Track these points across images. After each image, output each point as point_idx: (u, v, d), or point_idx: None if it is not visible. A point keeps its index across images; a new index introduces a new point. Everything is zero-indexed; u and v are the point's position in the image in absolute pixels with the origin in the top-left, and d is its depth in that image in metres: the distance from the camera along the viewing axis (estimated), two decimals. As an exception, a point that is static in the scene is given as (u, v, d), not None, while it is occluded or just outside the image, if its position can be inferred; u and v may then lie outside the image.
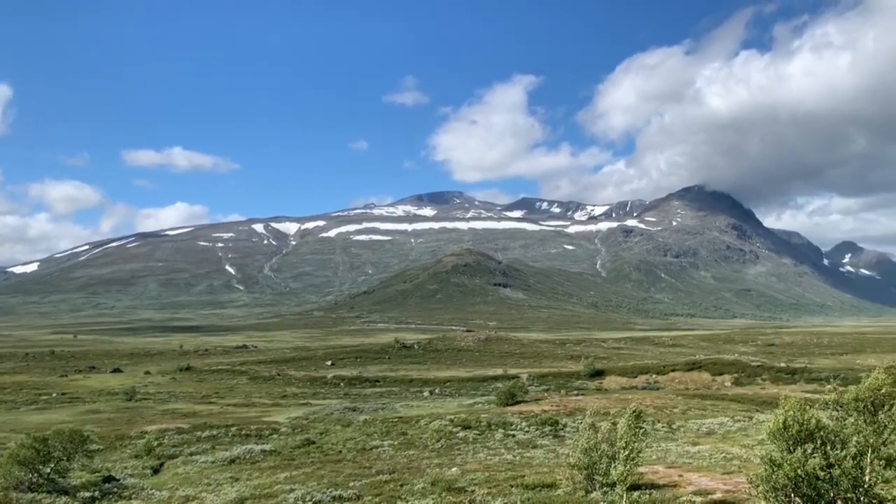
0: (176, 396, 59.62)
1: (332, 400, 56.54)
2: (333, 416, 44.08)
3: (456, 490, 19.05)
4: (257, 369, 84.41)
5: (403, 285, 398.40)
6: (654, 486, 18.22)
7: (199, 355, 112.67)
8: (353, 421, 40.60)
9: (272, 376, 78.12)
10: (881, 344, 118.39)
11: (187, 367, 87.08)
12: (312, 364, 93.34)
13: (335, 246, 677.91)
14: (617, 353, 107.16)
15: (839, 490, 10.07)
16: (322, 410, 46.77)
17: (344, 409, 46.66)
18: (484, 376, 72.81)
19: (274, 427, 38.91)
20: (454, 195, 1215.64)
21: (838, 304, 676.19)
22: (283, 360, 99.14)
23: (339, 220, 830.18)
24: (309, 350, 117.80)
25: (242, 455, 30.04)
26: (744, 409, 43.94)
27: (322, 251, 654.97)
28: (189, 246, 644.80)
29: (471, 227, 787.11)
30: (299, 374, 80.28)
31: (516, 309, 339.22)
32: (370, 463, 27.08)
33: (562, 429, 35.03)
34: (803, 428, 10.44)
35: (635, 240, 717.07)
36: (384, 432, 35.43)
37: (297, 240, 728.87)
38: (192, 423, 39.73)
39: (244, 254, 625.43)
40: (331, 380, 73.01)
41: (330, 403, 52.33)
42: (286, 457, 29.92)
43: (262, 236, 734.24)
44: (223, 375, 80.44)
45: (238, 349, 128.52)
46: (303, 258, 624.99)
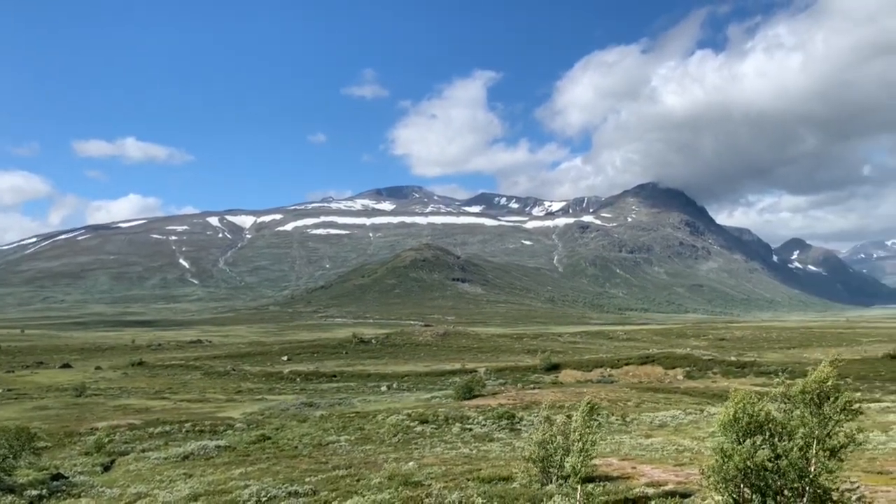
0: (128, 392, 58.40)
1: (289, 395, 56.12)
2: (289, 411, 43.73)
3: (413, 484, 19.05)
4: (212, 364, 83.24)
5: (361, 280, 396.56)
6: (608, 478, 18.48)
7: (152, 350, 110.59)
8: (309, 416, 40.32)
9: (227, 371, 77.16)
10: (827, 338, 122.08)
11: (140, 362, 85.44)
12: (268, 359, 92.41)
13: (292, 240, 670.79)
14: (573, 347, 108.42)
15: (786, 480, 10.33)
16: (278, 406, 46.38)
17: (300, 405, 46.33)
18: (442, 371, 72.97)
19: (229, 423, 38.43)
20: (413, 190, 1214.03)
21: (787, 299, 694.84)
22: (238, 355, 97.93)
23: (296, 213, 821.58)
24: (265, 345, 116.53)
25: (196, 451, 29.60)
26: (695, 401, 44.89)
27: (278, 245, 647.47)
28: (142, 239, 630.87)
29: (430, 222, 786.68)
30: (255, 369, 79.43)
31: (474, 304, 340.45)
32: (326, 458, 26.92)
33: (518, 422, 35.30)
34: (752, 420, 10.68)
35: (591, 235, 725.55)
36: (341, 427, 35.27)
37: (253, 233, 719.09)
38: (145, 419, 38.99)
39: (199, 247, 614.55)
40: (287, 375, 72.36)
41: (286, 399, 51.96)
42: (241, 453, 29.57)
43: (217, 229, 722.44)
44: (177, 370, 79.13)
45: (192, 344, 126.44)
46: (259, 252, 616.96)
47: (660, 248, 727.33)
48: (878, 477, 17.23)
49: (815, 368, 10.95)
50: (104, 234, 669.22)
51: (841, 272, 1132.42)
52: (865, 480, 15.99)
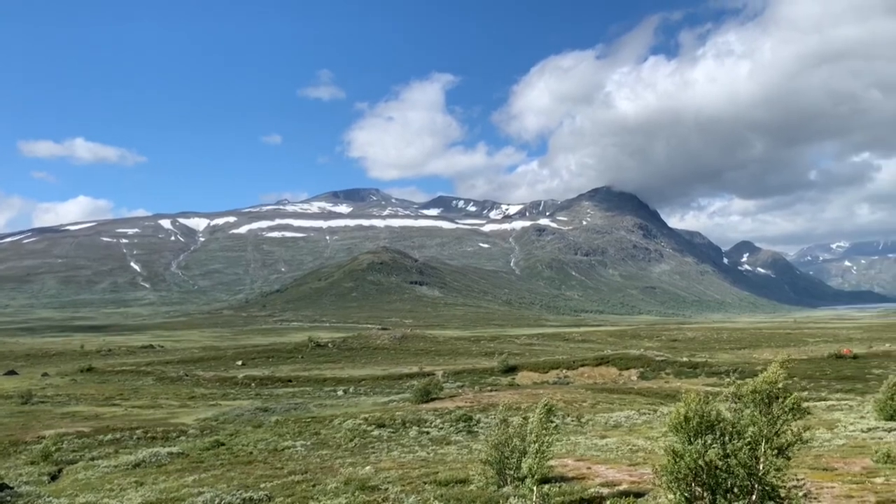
0: (76, 399, 56.83)
1: (243, 401, 55.36)
2: (244, 416, 43.11)
3: (369, 489, 18.94)
4: (164, 370, 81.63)
5: (318, 283, 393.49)
6: (563, 478, 18.64)
7: (102, 356, 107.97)
8: (264, 421, 39.81)
9: (180, 377, 75.74)
10: (775, 339, 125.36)
11: (89, 368, 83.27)
12: (222, 364, 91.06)
13: (246, 243, 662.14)
14: (529, 349, 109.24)
15: (736, 478, 10.56)
16: (232, 411, 45.68)
17: (255, 410, 45.75)
18: (399, 374, 72.79)
19: (181, 429, 37.71)
20: (371, 192, 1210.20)
21: (737, 300, 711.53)
22: (191, 360, 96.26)
23: (250, 216, 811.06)
24: (219, 350, 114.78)
25: (148, 458, 28.94)
26: (649, 402, 45.62)
27: (233, 248, 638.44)
28: (91, 241, 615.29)
29: (387, 225, 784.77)
30: (208, 374, 78.12)
31: (432, 307, 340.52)
32: (282, 464, 26.59)
33: (476, 424, 35.39)
34: (703, 420, 10.89)
35: (548, 239, 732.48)
36: (297, 432, 34.89)
37: (207, 236, 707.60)
38: (94, 427, 38.01)
39: (150, 250, 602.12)
40: (241, 380, 71.37)
41: (241, 404, 51.24)
42: (194, 459, 29.01)
43: (170, 232, 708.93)
44: (128, 376, 77.38)
45: (144, 349, 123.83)
46: (212, 255, 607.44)
47: (614, 250, 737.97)
48: (824, 473, 17.73)
49: (765, 369, 11.21)
50: (52, 236, 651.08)
51: (788, 274, 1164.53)
52: (812, 477, 16.44)
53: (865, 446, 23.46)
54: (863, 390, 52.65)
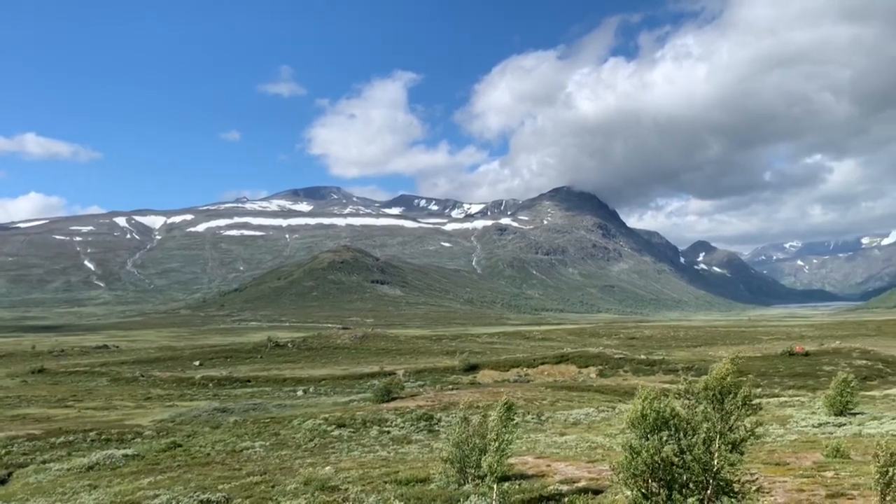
0: (27, 401, 55.34)
1: (201, 401, 54.60)
2: (202, 417, 42.53)
3: (329, 489, 18.82)
4: (119, 370, 79.97)
5: (277, 282, 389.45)
6: (523, 476, 18.77)
7: (55, 356, 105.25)
8: (222, 422, 39.31)
9: (135, 377, 74.30)
10: (730, 336, 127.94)
11: (40, 369, 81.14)
12: (179, 364, 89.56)
13: (204, 241, 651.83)
14: (491, 347, 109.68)
15: (691, 474, 10.74)
16: (190, 412, 45.02)
17: (213, 411, 45.16)
18: (360, 374, 72.47)
19: (137, 430, 37.05)
20: (331, 190, 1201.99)
21: (693, 299, 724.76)
22: (147, 360, 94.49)
23: (208, 214, 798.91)
24: (175, 350, 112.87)
25: (102, 461, 28.36)
26: (607, 399, 46.20)
27: (190, 246, 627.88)
28: (43, 239, 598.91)
29: (348, 224, 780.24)
30: (165, 374, 76.78)
31: (394, 306, 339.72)
32: (240, 465, 26.28)
33: (436, 423, 35.43)
34: (659, 417, 11.05)
35: (509, 238, 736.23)
36: (255, 433, 34.51)
37: (163, 234, 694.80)
38: (46, 429, 37.09)
39: (105, 248, 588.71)
40: (199, 380, 70.31)
41: (198, 405, 50.52)
42: (150, 461, 28.51)
43: (125, 230, 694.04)
44: (81, 377, 75.66)
45: (98, 349, 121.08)
46: (169, 254, 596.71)
47: (574, 249, 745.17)
48: (777, 468, 18.15)
49: (718, 365, 11.42)
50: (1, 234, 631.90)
51: (743, 273, 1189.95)
52: (764, 472, 16.82)
53: (816, 441, 24.09)
54: (814, 386, 54.08)
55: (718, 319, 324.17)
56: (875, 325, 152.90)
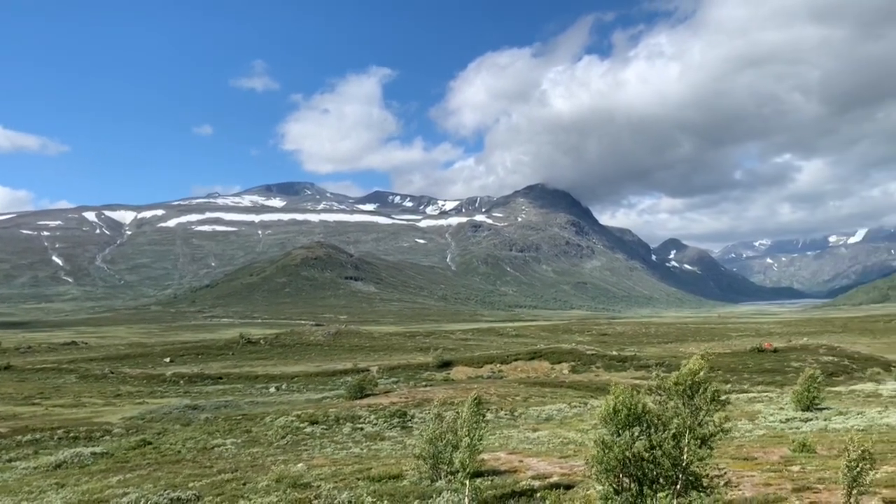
0: (-8, 399, 54.32)
1: (172, 398, 54.05)
2: (172, 415, 42.10)
3: (301, 486, 18.72)
4: (88, 367, 78.78)
5: (249, 278, 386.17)
6: (496, 472, 18.83)
7: (21, 353, 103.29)
8: (193, 420, 38.95)
9: (105, 375, 73.27)
10: (700, 333, 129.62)
11: (7, 365, 79.55)
12: (150, 361, 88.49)
13: (175, 236, 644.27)
14: (464, 344, 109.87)
15: (661, 469, 10.86)
16: (160, 409, 44.54)
17: (184, 408, 44.73)
18: (333, 370, 72.21)
19: (106, 428, 36.56)
20: (305, 186, 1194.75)
21: (664, 296, 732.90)
22: (116, 357, 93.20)
23: (179, 209, 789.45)
24: (146, 346, 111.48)
25: (70, 459, 27.94)
26: (580, 395, 46.55)
27: (161, 242, 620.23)
28: (10, 234, 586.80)
29: (322, 220, 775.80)
30: (135, 371, 75.83)
31: (367, 302, 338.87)
32: (211, 462, 26.05)
33: (410, 420, 35.43)
34: (631, 412, 11.15)
35: (483, 234, 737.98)
36: (227, 430, 34.24)
37: (134, 229, 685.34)
38: (12, 427, 36.43)
39: (74, 244, 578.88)
40: (170, 377, 69.55)
41: (169, 402, 50.00)
42: (119, 459, 28.15)
43: (95, 225, 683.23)
44: (49, 374, 74.37)
45: (66, 346, 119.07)
46: (139, 249, 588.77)
47: (548, 247, 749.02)
48: (745, 463, 18.42)
49: (688, 361, 11.55)
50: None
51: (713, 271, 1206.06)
52: (733, 466, 17.06)
53: (784, 436, 24.50)
54: (782, 382, 55.01)
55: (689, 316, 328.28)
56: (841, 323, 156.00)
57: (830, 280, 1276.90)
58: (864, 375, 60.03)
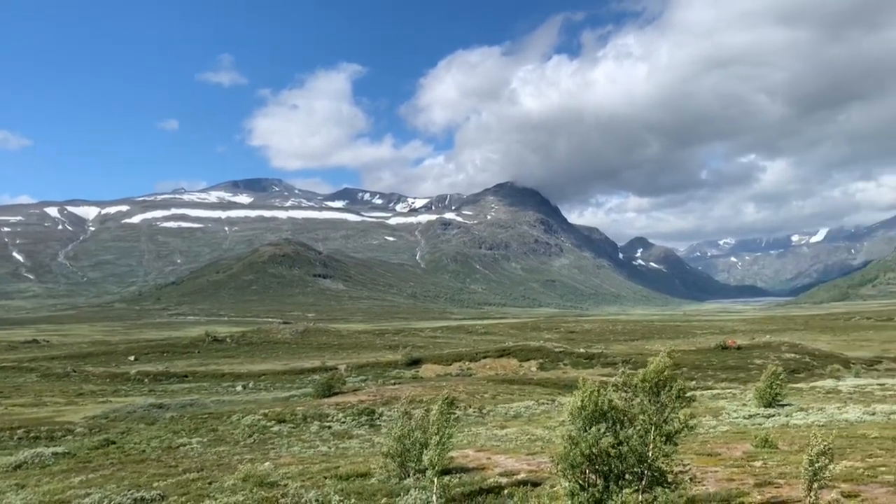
0: (-52, 399, 52.93)
1: (136, 397, 53.26)
2: (136, 413, 41.47)
3: (268, 485, 18.54)
4: (49, 366, 77.22)
5: (216, 276, 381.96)
6: (464, 469, 18.87)
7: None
8: (158, 418, 38.43)
9: (67, 373, 71.88)
10: (666, 331, 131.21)
11: (-37, 365, 77.70)
12: (113, 359, 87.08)
13: (140, 233, 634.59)
14: (434, 341, 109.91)
15: (627, 465, 10.97)
16: (124, 408, 43.85)
17: (148, 407, 44.11)
18: (301, 369, 71.72)
19: (68, 428, 35.90)
20: (273, 182, 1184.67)
21: (631, 294, 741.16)
22: (79, 355, 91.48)
23: (144, 205, 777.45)
24: (109, 344, 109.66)
25: (30, 459, 27.35)
26: (547, 392, 46.86)
27: (125, 238, 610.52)
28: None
29: (290, 217, 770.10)
30: (98, 370, 74.54)
31: (336, 300, 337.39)
32: (177, 462, 25.73)
33: (378, 418, 35.34)
34: (598, 409, 11.25)
35: (453, 232, 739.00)
36: (192, 429, 33.83)
37: (97, 226, 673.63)
38: (-32, 428, 35.53)
39: (35, 240, 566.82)
40: (134, 376, 68.49)
41: (133, 401, 49.25)
42: (82, 459, 27.64)
43: (57, 221, 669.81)
44: (8, 373, 72.76)
45: (27, 344, 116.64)
46: (103, 245, 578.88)
47: (517, 245, 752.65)
48: (709, 458, 18.70)
49: (654, 359, 11.69)
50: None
51: (679, 269, 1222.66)
52: (697, 462, 17.32)
53: (746, 432, 24.93)
54: (745, 379, 55.97)
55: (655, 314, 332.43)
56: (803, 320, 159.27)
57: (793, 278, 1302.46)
58: (824, 372, 61.36)
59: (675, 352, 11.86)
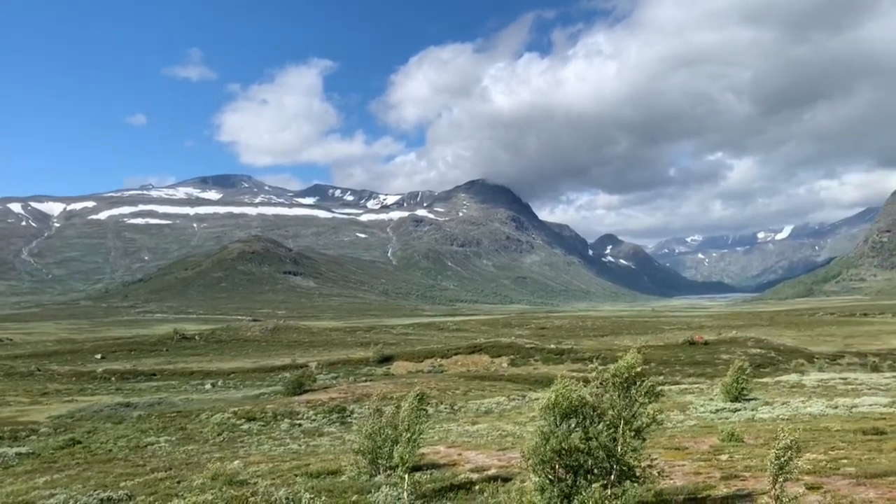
0: None
1: (103, 396, 52.52)
2: (103, 413, 40.87)
3: (238, 483, 18.40)
4: (13, 364, 75.70)
5: (184, 273, 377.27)
6: (435, 465, 18.90)
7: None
8: (125, 417, 37.93)
9: (31, 372, 70.53)
10: (635, 326, 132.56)
11: (-78, 364, 75.80)
12: (79, 358, 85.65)
13: (107, 229, 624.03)
14: (405, 338, 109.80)
15: (596, 460, 11.08)
16: (90, 407, 43.20)
17: (115, 406, 43.51)
18: (271, 366, 71.22)
19: (32, 427, 35.28)
20: (242, 179, 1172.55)
21: (600, 290, 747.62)
22: (44, 353, 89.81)
23: (111, 201, 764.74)
24: (75, 343, 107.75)
25: (-8, 461, 26.80)
26: (518, 388, 47.12)
27: (91, 235, 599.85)
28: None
29: (260, 213, 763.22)
30: (64, 368, 73.26)
31: (307, 297, 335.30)
32: (144, 461, 25.42)
33: (349, 415, 35.25)
34: (569, 404, 11.33)
35: (425, 229, 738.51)
36: (161, 428, 33.44)
37: (62, 222, 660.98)
38: (-72, 429, 34.71)
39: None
40: (101, 374, 67.48)
41: (100, 400, 48.57)
42: (46, 459, 27.16)
43: (20, 217, 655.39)
44: (-32, 373, 71.10)
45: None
46: (68, 242, 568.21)
47: (488, 241, 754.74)
48: (676, 452, 18.95)
49: (625, 355, 11.81)
50: None
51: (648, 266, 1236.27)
52: (665, 456, 17.55)
53: (713, 426, 25.29)
54: (712, 374, 56.80)
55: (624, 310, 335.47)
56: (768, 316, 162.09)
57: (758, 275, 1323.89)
58: (789, 367, 62.50)
59: (643, 347, 12.00)
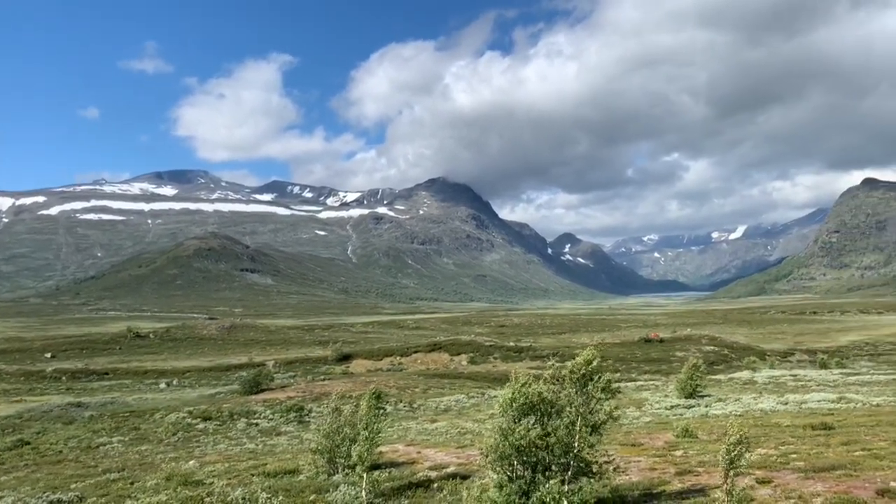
0: None
1: (53, 396, 51.20)
2: (53, 413, 39.84)
3: (193, 483, 18.11)
4: (-44, 365, 73.27)
5: (138, 270, 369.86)
6: (393, 464, 18.87)
7: None
8: (76, 417, 37.05)
9: (-24, 372, 68.33)
10: (592, 324, 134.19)
11: None
12: (28, 357, 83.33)
13: (58, 225, 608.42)
14: (364, 337, 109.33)
15: (554, 456, 11.17)
16: (39, 408, 42.05)
17: (66, 405, 42.40)
18: (227, 365, 70.28)
19: (-23, 430, 34.10)
20: (198, 174, 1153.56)
21: (559, 288, 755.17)
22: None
23: (62, 196, 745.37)
24: (24, 341, 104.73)
25: (-66, 464, 25.89)
26: (478, 385, 47.30)
27: (41, 230, 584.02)
28: None
29: (216, 209, 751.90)
30: (11, 368, 71.18)
31: (264, 295, 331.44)
32: (96, 462, 24.88)
33: (307, 414, 34.97)
34: (528, 401, 11.41)
35: (385, 227, 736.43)
36: (113, 428, 32.76)
37: (11, 217, 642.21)
38: None
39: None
40: (50, 373, 65.75)
41: (49, 400, 47.30)
42: (-8, 462, 26.34)
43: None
44: None
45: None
46: (17, 238, 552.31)
47: (449, 240, 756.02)
48: (632, 448, 19.24)
49: (582, 351, 11.94)
50: None
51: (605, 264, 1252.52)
52: (621, 452, 17.80)
53: (668, 422, 25.73)
54: (667, 371, 57.84)
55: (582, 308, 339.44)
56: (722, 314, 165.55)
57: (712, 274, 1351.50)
58: (741, 364, 63.96)
59: (601, 345, 12.15)
